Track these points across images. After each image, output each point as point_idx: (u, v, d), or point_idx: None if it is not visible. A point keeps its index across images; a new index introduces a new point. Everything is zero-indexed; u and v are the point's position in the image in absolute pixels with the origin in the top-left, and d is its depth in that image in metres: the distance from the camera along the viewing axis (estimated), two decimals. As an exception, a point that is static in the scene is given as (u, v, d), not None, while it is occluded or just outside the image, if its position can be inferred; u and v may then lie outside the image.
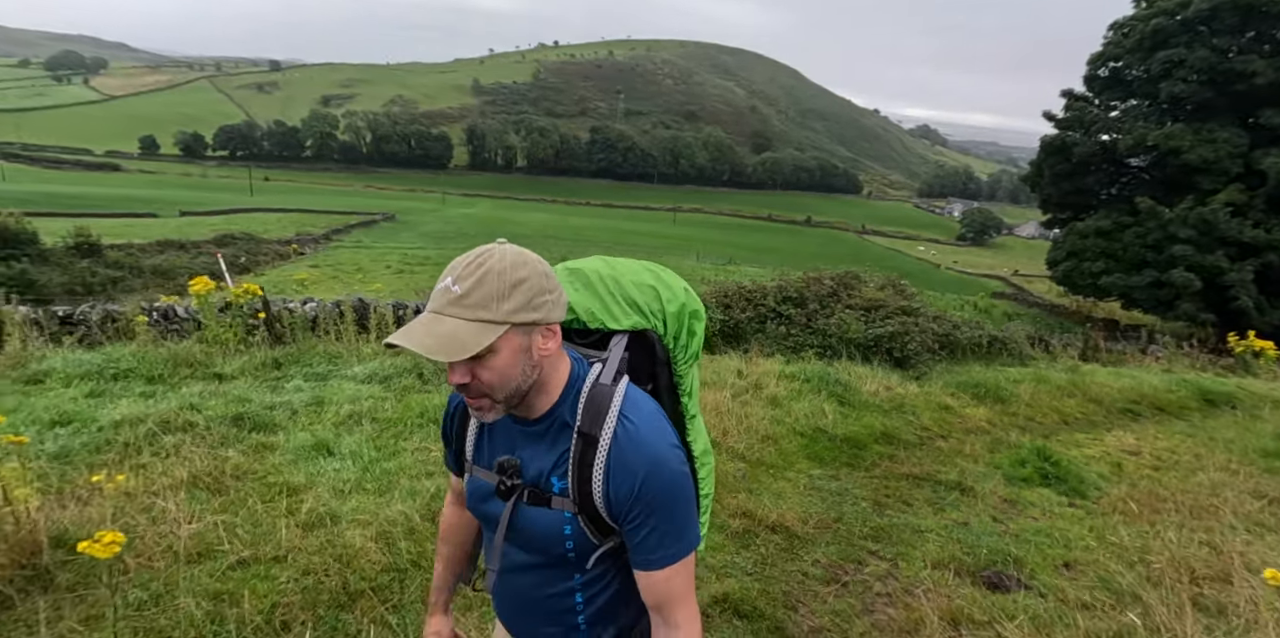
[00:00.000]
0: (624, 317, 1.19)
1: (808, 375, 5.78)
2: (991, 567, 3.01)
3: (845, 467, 4.30)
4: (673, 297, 1.24)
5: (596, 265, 1.27)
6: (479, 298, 0.95)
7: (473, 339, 0.95)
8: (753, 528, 3.22)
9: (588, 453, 1.04)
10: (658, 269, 1.30)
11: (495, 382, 1.00)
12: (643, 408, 1.08)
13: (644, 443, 1.03)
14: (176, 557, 2.65)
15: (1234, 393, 8.37)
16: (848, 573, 2.93)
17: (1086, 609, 2.57)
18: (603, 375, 1.11)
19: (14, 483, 2.58)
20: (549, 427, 1.08)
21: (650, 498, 1.02)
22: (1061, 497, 4.15)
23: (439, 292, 0.98)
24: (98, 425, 4.01)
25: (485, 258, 0.98)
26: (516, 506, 1.09)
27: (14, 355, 5.31)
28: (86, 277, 26.11)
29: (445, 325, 0.96)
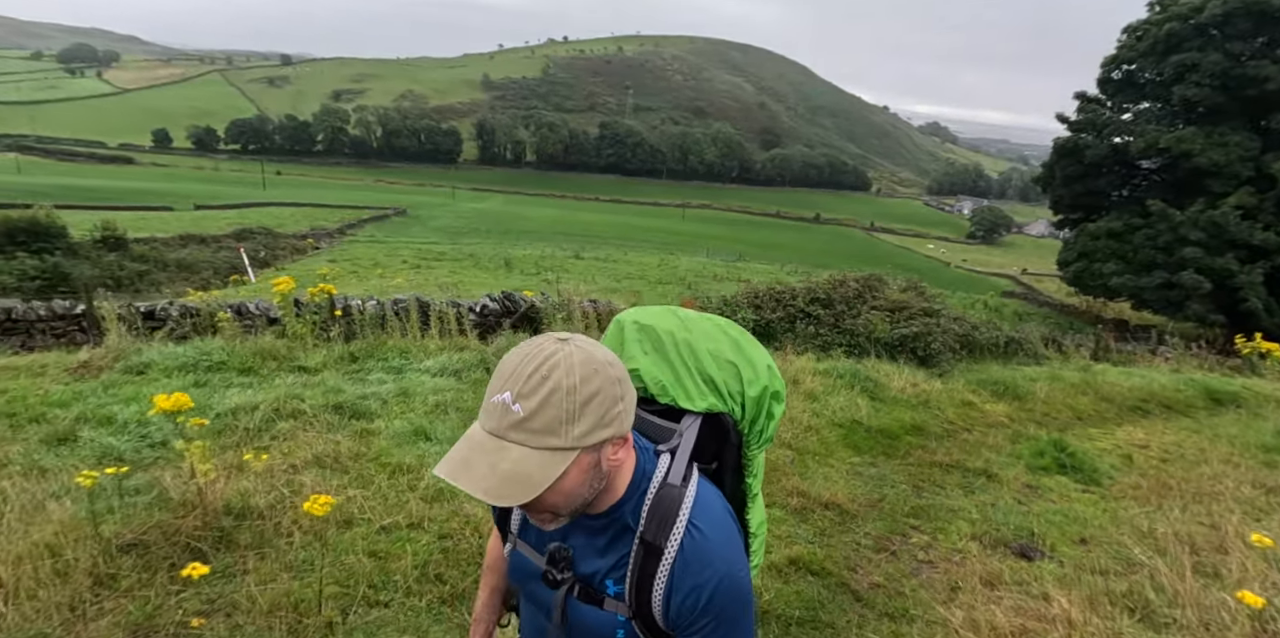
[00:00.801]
0: (699, 397, 1.11)
1: (839, 372, 6.23)
2: (1018, 540, 3.46)
3: (881, 455, 4.76)
4: (754, 378, 1.14)
5: (670, 325, 1.18)
6: (545, 422, 0.86)
7: (541, 473, 0.86)
8: (808, 505, 3.69)
9: (649, 563, 0.97)
10: (737, 335, 1.21)
11: (561, 502, 0.92)
12: (711, 512, 1.00)
13: (712, 557, 0.96)
14: (326, 523, 3.12)
15: (1239, 393, 8.76)
16: (894, 544, 3.39)
17: (1102, 575, 3.01)
18: (671, 473, 1.02)
19: (198, 460, 3.07)
20: (609, 524, 1.02)
21: (715, 614, 0.96)
22: (1077, 484, 4.60)
23: (496, 407, 0.87)
24: (215, 412, 4.50)
25: (550, 370, 0.86)
26: (567, 598, 1.03)
27: (114, 348, 5.81)
28: (115, 270, 26.69)
29: (509, 458, 0.86)
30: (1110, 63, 27.43)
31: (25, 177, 70.37)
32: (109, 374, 5.35)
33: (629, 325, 1.17)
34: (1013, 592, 2.77)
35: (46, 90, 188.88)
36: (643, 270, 35.78)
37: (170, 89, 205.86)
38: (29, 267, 22.74)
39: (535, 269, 31.69)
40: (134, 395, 4.79)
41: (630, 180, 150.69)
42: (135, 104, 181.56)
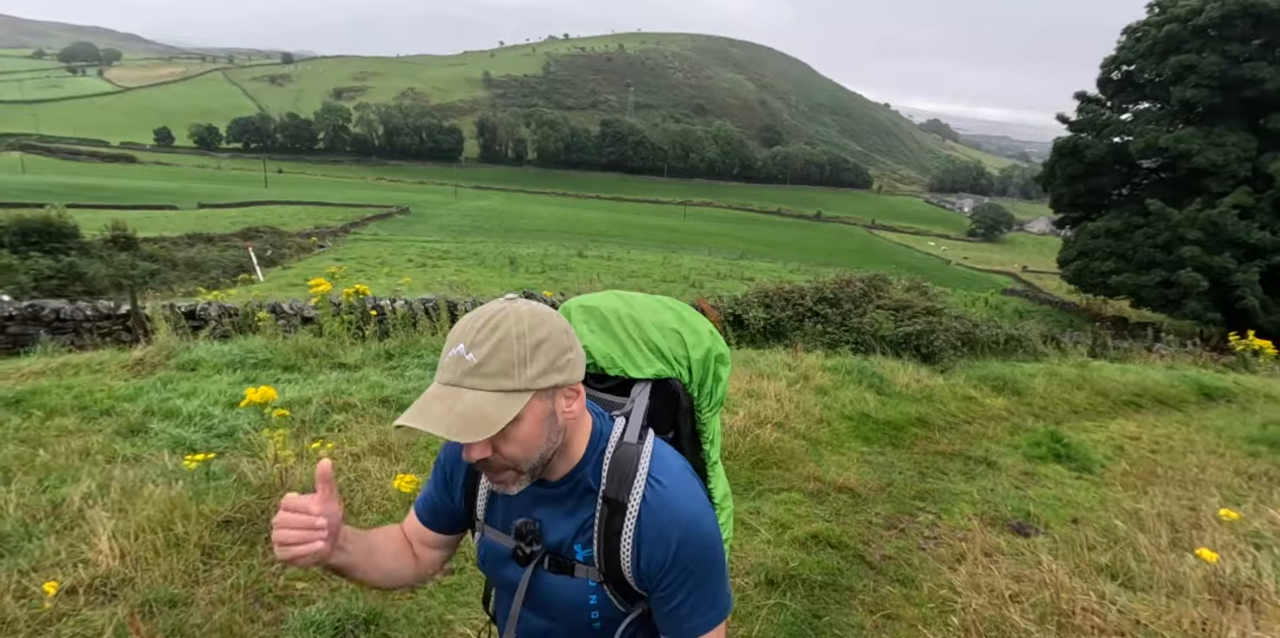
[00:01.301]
0: (646, 364, 1.14)
1: (847, 368, 6.58)
2: (1015, 519, 3.81)
3: (889, 445, 5.11)
4: (698, 341, 1.19)
5: (613, 303, 1.21)
6: (498, 365, 0.89)
7: (496, 412, 0.88)
8: (824, 489, 4.04)
9: (615, 521, 0.98)
10: (678, 307, 1.25)
11: (519, 454, 0.93)
12: (672, 467, 1.02)
13: (676, 507, 0.98)
14: (395, 504, 3.47)
15: (1230, 388, 9.11)
16: (903, 522, 3.74)
17: (1090, 549, 3.36)
18: (627, 433, 1.05)
19: (280, 447, 3.42)
20: (571, 490, 1.02)
21: (684, 565, 0.97)
22: (1071, 471, 4.94)
23: (451, 360, 0.91)
24: (271, 405, 4.85)
25: (500, 320, 0.91)
26: (537, 572, 1.03)
27: (164, 347, 6.16)
28: (128, 270, 27.00)
29: (464, 400, 0.88)
30: (1110, 63, 27.74)
31: (30, 175, 70.68)
32: (163, 371, 5.70)
33: (575, 309, 1.20)
34: (1009, 561, 3.11)
35: (49, 89, 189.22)
36: (647, 269, 36.05)
37: (172, 88, 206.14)
38: (44, 266, 23.04)
39: (540, 268, 31.92)
40: (192, 390, 5.13)
41: (632, 178, 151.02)
42: (137, 103, 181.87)
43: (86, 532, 2.81)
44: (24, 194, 45.44)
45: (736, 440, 4.54)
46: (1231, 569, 2.47)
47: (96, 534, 2.73)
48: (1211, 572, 2.48)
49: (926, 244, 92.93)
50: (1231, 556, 2.86)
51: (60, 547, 2.76)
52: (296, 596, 2.65)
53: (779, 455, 4.51)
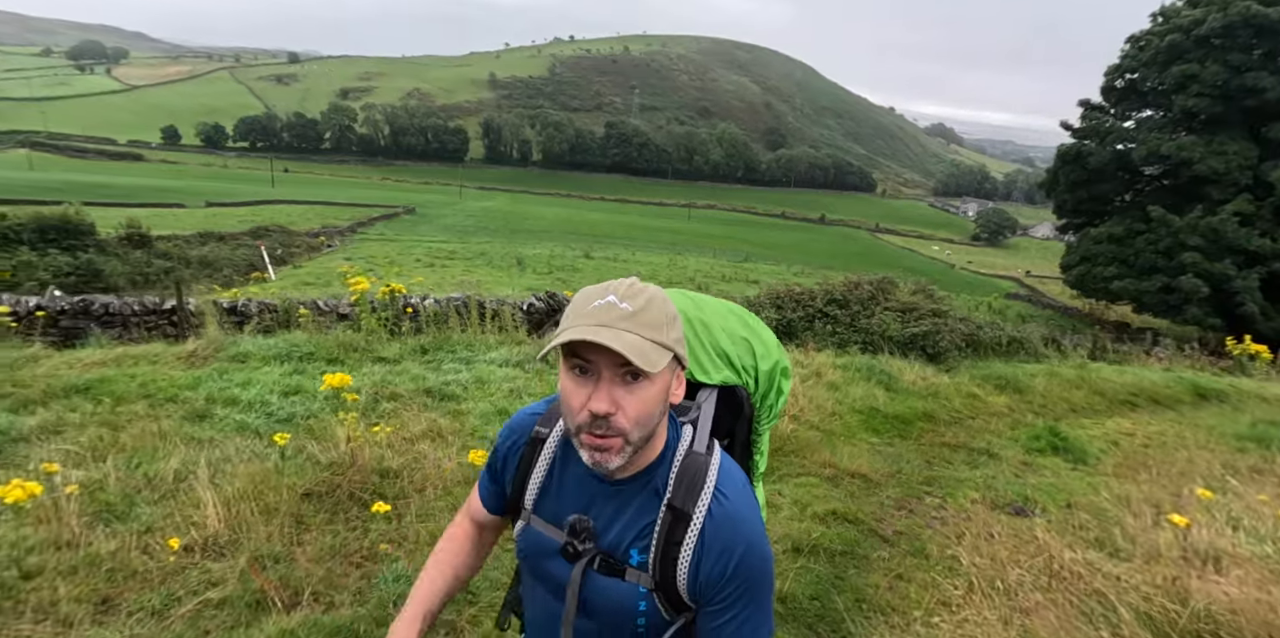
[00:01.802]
0: (715, 371, 1.14)
1: (857, 367, 6.93)
2: (1015, 503, 4.16)
3: (897, 437, 5.47)
4: (766, 353, 1.19)
5: (683, 304, 1.20)
6: (651, 319, 0.91)
7: (656, 356, 0.89)
8: (838, 475, 4.39)
9: (677, 530, 0.97)
10: (746, 316, 1.25)
11: (639, 416, 0.92)
12: (736, 481, 1.02)
13: (740, 523, 0.98)
14: (453, 482, 3.83)
15: (1225, 389, 9.44)
16: (911, 504, 4.10)
17: (1082, 527, 3.71)
18: (696, 441, 1.04)
19: (352, 429, 3.78)
20: (638, 491, 1.01)
21: (741, 582, 0.97)
22: (1068, 463, 5.29)
23: (600, 308, 0.91)
24: (323, 394, 5.21)
25: (643, 286, 0.95)
26: (586, 572, 1.01)
27: (214, 340, 6.53)
28: (143, 267, 27.41)
29: (625, 338, 0.88)
30: (1113, 71, 28.10)
31: (38, 173, 71.12)
32: (216, 363, 6.07)
33: None
34: (1008, 537, 3.46)
35: (57, 87, 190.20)
36: (653, 270, 36.36)
37: (179, 86, 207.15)
38: (63, 263, 23.39)
39: (547, 268, 32.16)
40: (247, 381, 5.49)
41: (636, 180, 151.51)
42: (144, 101, 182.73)
43: (192, 500, 3.18)
44: (33, 191, 45.85)
45: (756, 431, 4.89)
46: (1200, 534, 2.82)
47: (203, 502, 3.09)
48: (1182, 535, 2.83)
49: (930, 248, 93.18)
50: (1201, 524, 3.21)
51: (168, 513, 3.12)
52: (382, 555, 3.01)
53: (796, 444, 4.87)
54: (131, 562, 2.74)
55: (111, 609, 2.44)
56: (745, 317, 1.25)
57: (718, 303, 1.26)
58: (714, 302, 1.26)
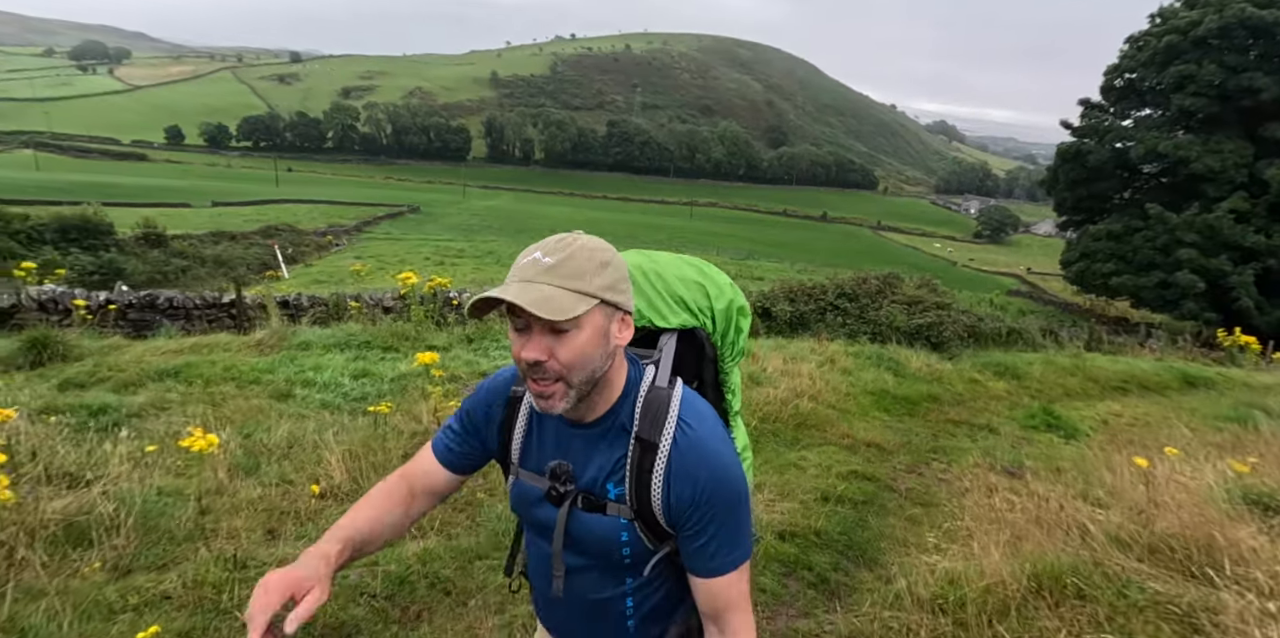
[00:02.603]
0: (672, 315, 1.20)
1: (867, 354, 7.50)
2: (1011, 467, 4.73)
3: (905, 415, 6.04)
4: (720, 293, 1.24)
5: (637, 260, 1.27)
6: (571, 269, 0.95)
7: (569, 304, 0.93)
8: (855, 444, 4.96)
9: (646, 459, 1.02)
10: (699, 263, 1.31)
11: (575, 362, 0.96)
12: (701, 412, 1.07)
13: (705, 448, 1.02)
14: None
15: (1212, 377, 9.99)
16: (920, 468, 4.67)
17: (1070, 484, 4.27)
18: (658, 378, 1.10)
19: (439, 400, 4.35)
20: (606, 430, 1.07)
21: (711, 504, 1.01)
22: (1060, 438, 5.86)
23: (525, 264, 0.96)
24: (389, 377, 5.79)
25: (573, 239, 0.99)
26: (571, 511, 1.07)
27: (277, 331, 7.11)
28: (162, 266, 27.97)
29: (541, 290, 0.93)
30: (1112, 71, 28.63)
31: (43, 173, 71.53)
32: (283, 351, 6.65)
33: None
34: (1005, 491, 4.03)
35: (59, 87, 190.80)
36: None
37: (181, 86, 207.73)
38: (86, 262, 23.93)
39: None
40: (317, 365, 6.07)
41: (638, 178, 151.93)
42: (147, 101, 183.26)
43: (313, 458, 3.76)
44: (40, 191, 46.30)
45: (780, 408, 5.46)
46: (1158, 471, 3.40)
47: (325, 460, 3.67)
48: (1142, 472, 3.40)
49: (932, 246, 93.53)
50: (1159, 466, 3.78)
51: (297, 468, 3.70)
52: (480, 501, 3.59)
53: (816, 420, 5.44)
54: (279, 504, 3.31)
55: (276, 537, 3.01)
56: (700, 265, 1.30)
57: (672, 256, 1.31)
58: (669, 256, 1.31)
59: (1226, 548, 2.62)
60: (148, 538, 2.74)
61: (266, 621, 0.91)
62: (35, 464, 3.13)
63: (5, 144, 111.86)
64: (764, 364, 6.54)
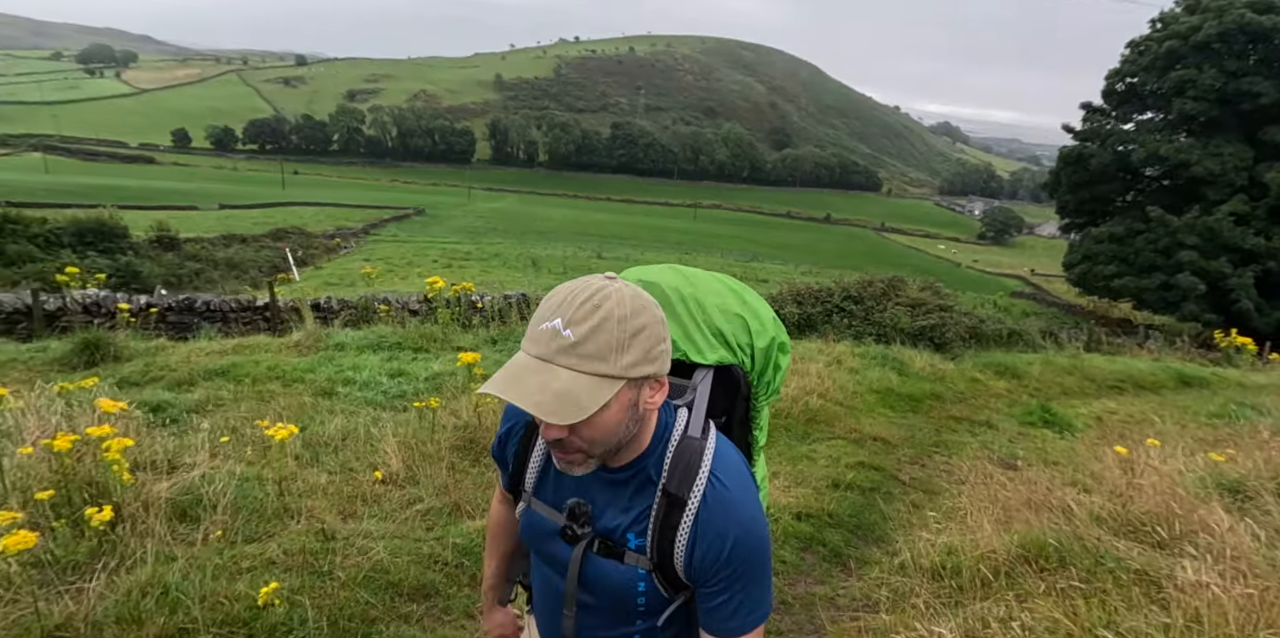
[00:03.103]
0: (709, 350, 1.13)
1: (872, 355, 7.86)
2: (1006, 459, 5.08)
3: (909, 412, 6.39)
4: (762, 329, 1.18)
5: (675, 281, 1.19)
6: (596, 348, 0.87)
7: (589, 397, 0.87)
8: (862, 438, 5.32)
9: (673, 515, 0.99)
10: (741, 290, 1.24)
11: (596, 438, 0.93)
12: (731, 465, 1.03)
13: (734, 507, 0.99)
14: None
15: (1207, 377, 10.31)
16: (923, 460, 5.03)
17: (1061, 474, 4.63)
18: (690, 425, 1.05)
19: (478, 399, 4.72)
20: (631, 477, 1.02)
21: (736, 565, 0.98)
22: (1055, 434, 6.20)
23: (545, 333, 0.88)
24: (423, 377, 6.16)
25: (602, 299, 0.88)
26: (585, 554, 1.04)
27: (312, 332, 7.50)
28: (176, 269, 28.42)
29: (559, 379, 0.86)
30: (1114, 75, 28.97)
31: (53, 176, 72.06)
32: (321, 352, 7.03)
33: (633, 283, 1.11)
34: (1002, 480, 4.39)
35: (67, 90, 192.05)
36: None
37: (188, 89, 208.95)
38: (103, 265, 24.31)
39: (562, 269, 32.66)
40: (355, 365, 6.45)
41: (642, 181, 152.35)
42: (154, 104, 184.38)
43: (370, 448, 4.14)
44: (50, 194, 46.72)
45: (790, 405, 5.82)
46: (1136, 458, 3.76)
47: (384, 449, 4.04)
48: (1123, 460, 3.75)
49: (936, 247, 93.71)
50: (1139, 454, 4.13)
51: (357, 457, 4.07)
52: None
53: (825, 416, 5.80)
54: (345, 488, 3.69)
55: (352, 516, 3.39)
56: (741, 292, 1.23)
57: (711, 278, 1.24)
58: (707, 277, 1.23)
59: (1193, 524, 2.97)
60: (240, 515, 3.11)
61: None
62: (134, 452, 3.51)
63: (14, 147, 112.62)
64: (775, 364, 6.90)
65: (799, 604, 2.84)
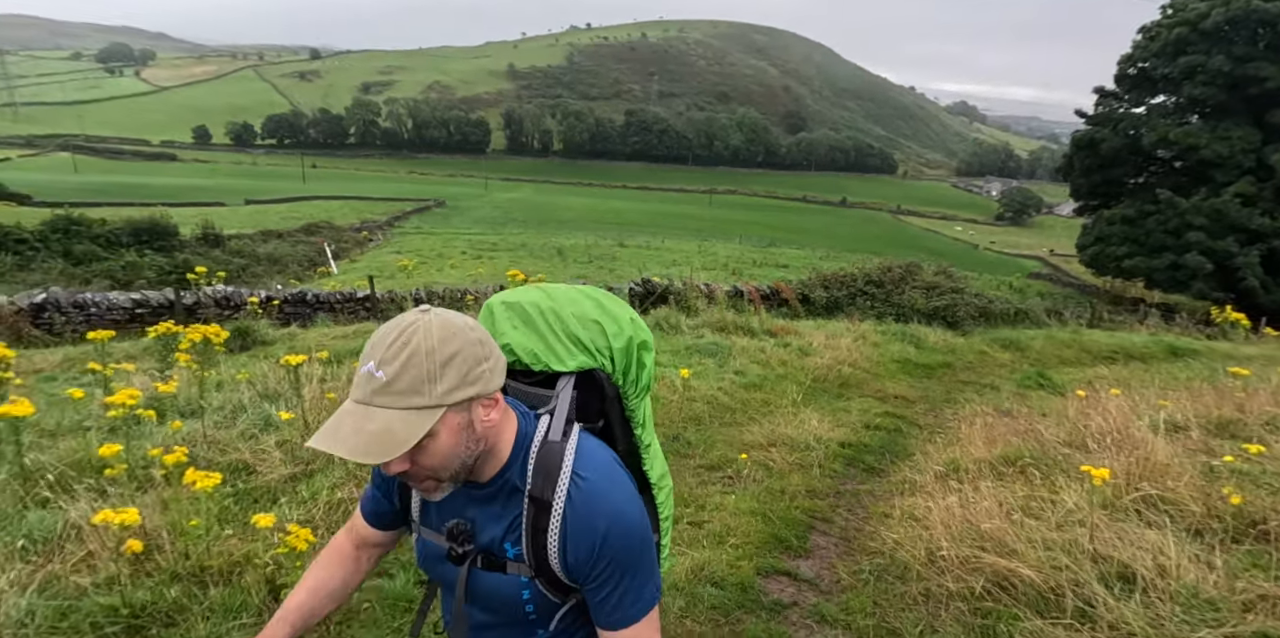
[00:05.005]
0: (569, 358, 1.16)
1: (893, 332, 9.08)
2: (1004, 410, 6.31)
3: (925, 378, 7.62)
4: (619, 331, 1.20)
5: (535, 298, 1.22)
6: (408, 383, 0.89)
7: (406, 431, 0.89)
8: (886, 397, 6.57)
9: (541, 518, 1.02)
10: (600, 296, 1.26)
11: (437, 465, 0.96)
12: (594, 460, 1.05)
13: (600, 501, 1.01)
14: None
15: (1199, 349, 11.38)
16: (937, 412, 6.27)
17: (1045, 420, 5.84)
18: (551, 430, 1.07)
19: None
20: (499, 490, 1.06)
21: (611, 557, 1.01)
22: (1050, 394, 7.39)
23: (362, 377, 0.91)
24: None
25: (410, 336, 0.91)
26: (471, 571, 1.08)
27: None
28: (225, 264, 29.93)
29: (375, 420, 0.89)
30: (1126, 61, 29.61)
31: (82, 176, 73.83)
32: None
33: (497, 306, 1.20)
34: (994, 421, 5.61)
35: (89, 90, 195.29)
36: (686, 257, 37.83)
37: (206, 86, 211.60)
38: (162, 262, 25.91)
39: (587, 257, 33.42)
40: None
41: (657, 167, 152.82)
42: (174, 102, 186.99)
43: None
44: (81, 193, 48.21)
45: (827, 372, 7.07)
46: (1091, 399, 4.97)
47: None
48: (1081, 400, 4.97)
49: (954, 229, 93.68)
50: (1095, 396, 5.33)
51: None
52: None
53: (854, 381, 7.05)
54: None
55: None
56: (600, 299, 1.25)
57: (572, 290, 1.27)
58: (567, 289, 1.27)
59: (1127, 441, 4.19)
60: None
61: None
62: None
63: (42, 147, 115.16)
64: (810, 340, 8.14)
65: (848, 495, 4.11)
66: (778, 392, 6.19)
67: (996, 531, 2.95)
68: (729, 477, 4.21)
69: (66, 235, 27.06)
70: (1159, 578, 2.45)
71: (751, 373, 6.56)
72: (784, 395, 6.08)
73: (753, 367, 6.83)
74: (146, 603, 2.42)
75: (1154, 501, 3.13)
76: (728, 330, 8.33)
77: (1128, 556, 2.59)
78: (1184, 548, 2.64)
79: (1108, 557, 2.62)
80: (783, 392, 6.19)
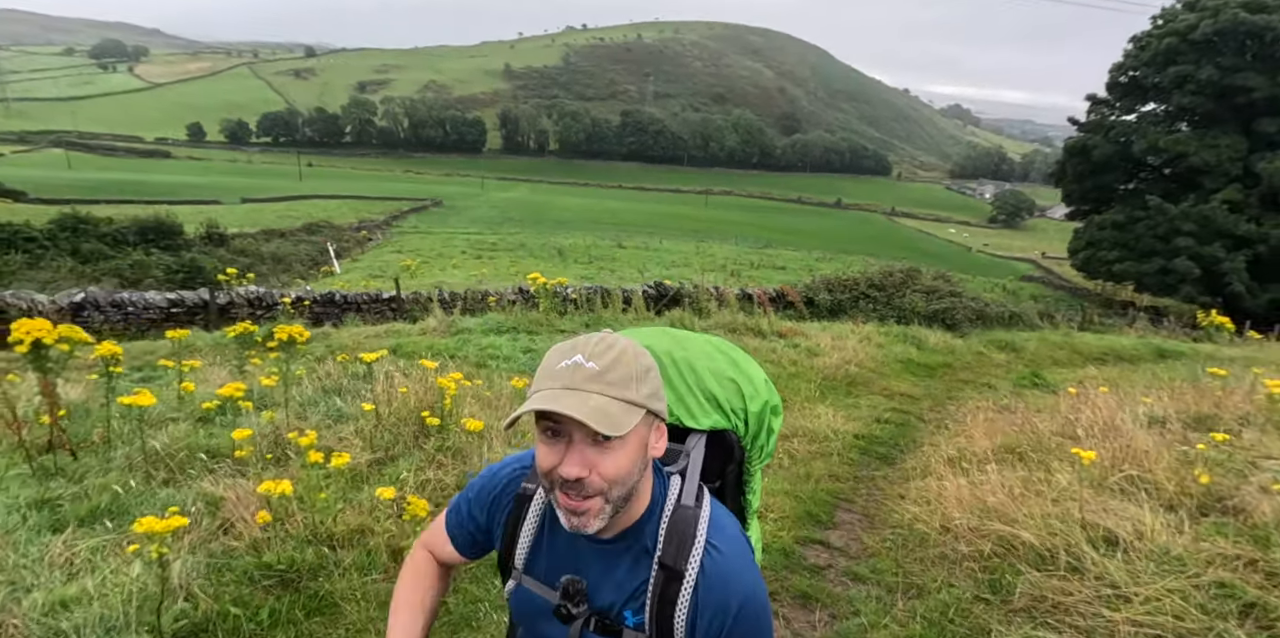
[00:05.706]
0: (703, 415, 1.13)
1: (895, 334, 9.58)
2: (1002, 406, 6.81)
3: (927, 377, 8.13)
4: (755, 393, 1.18)
5: (666, 345, 1.20)
6: (618, 377, 0.90)
7: (623, 416, 0.89)
8: (891, 394, 7.07)
9: (670, 588, 0.98)
10: (732, 353, 1.25)
11: (615, 477, 0.92)
12: (727, 532, 1.02)
13: (734, 577, 0.98)
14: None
15: (1184, 351, 11.94)
16: (939, 408, 6.77)
17: (1039, 414, 6.34)
18: (684, 494, 1.04)
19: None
20: (627, 548, 1.02)
21: (740, 634, 0.97)
22: (1044, 392, 7.90)
23: (566, 368, 0.91)
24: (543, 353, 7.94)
25: (613, 340, 0.94)
26: (583, 634, 1.03)
27: (443, 319, 9.26)
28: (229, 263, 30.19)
29: (591, 401, 0.88)
30: (1117, 69, 30.34)
31: (75, 172, 73.46)
32: (456, 335, 8.78)
33: None
34: (994, 416, 6.12)
35: (82, 86, 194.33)
36: (685, 258, 38.21)
37: (200, 83, 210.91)
38: (170, 261, 26.18)
39: (587, 258, 33.70)
40: (489, 345, 8.18)
41: (652, 168, 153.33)
42: (167, 98, 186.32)
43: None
44: (75, 190, 48.10)
45: (835, 371, 7.56)
46: (1082, 395, 5.48)
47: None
48: (1073, 397, 5.48)
49: (947, 231, 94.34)
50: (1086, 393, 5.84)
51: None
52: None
53: (861, 380, 7.54)
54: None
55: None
56: (732, 354, 1.24)
57: (702, 340, 1.26)
58: (698, 339, 1.25)
59: (1112, 431, 4.69)
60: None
61: None
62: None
63: (35, 144, 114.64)
64: (817, 341, 8.63)
65: (865, 480, 4.60)
66: (791, 389, 6.67)
67: (1001, 505, 3.44)
68: (759, 463, 4.69)
69: (74, 234, 27.28)
70: (1137, 540, 2.94)
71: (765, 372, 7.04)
72: (797, 393, 6.55)
73: (765, 366, 7.28)
74: (292, 561, 2.88)
75: (1135, 480, 3.63)
76: (739, 332, 8.81)
77: (1111, 523, 3.08)
78: (1159, 518, 3.13)
79: (1095, 524, 3.11)
80: (796, 389, 6.66)
